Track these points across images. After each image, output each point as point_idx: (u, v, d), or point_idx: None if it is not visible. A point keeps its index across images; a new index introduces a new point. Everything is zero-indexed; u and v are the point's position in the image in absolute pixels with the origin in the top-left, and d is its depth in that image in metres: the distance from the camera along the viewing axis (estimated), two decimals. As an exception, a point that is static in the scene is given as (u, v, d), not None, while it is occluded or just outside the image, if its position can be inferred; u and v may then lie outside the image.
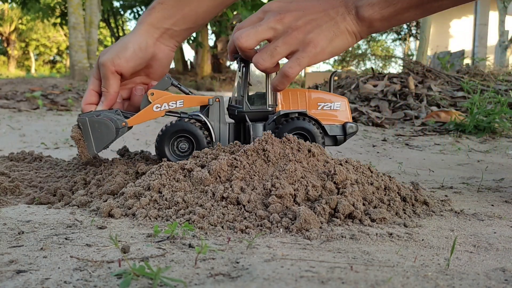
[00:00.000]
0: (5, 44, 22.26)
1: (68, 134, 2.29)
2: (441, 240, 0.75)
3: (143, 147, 2.04)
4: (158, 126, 2.71)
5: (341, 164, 0.95)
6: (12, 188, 1.01)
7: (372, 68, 4.95)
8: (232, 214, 0.80)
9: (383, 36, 20.59)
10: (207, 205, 0.82)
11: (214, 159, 0.94)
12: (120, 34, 13.02)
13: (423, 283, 0.52)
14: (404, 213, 0.89)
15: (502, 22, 9.37)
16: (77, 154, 1.15)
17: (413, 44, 18.42)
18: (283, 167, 0.90)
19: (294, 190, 0.85)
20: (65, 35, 19.13)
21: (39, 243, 0.67)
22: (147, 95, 1.07)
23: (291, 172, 0.87)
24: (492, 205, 1.03)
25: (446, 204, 1.00)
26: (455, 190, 1.21)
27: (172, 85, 1.11)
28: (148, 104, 1.07)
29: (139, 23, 1.12)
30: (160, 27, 1.11)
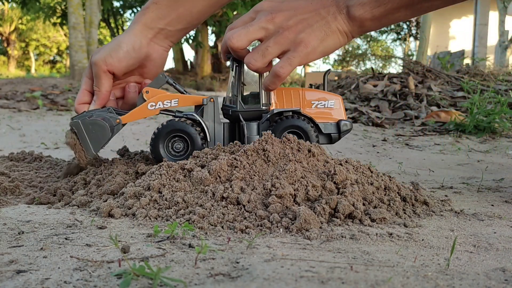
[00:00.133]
0: (5, 44, 22.27)
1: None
2: (441, 240, 0.75)
3: (143, 147, 2.04)
4: (158, 126, 2.70)
5: (341, 164, 0.95)
6: (12, 188, 1.01)
7: (372, 68, 4.95)
8: (232, 214, 0.80)
9: (383, 36, 20.59)
10: (207, 205, 0.82)
11: (214, 159, 0.94)
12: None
13: (423, 283, 0.52)
14: (404, 213, 0.89)
15: (502, 22, 9.38)
16: (73, 158, 1.15)
17: (413, 44, 18.42)
18: (283, 167, 0.90)
19: (294, 190, 0.85)
20: (65, 35, 19.14)
21: (39, 243, 0.67)
22: (142, 93, 1.07)
23: (291, 172, 0.87)
24: (492, 205, 1.03)
25: (446, 204, 1.00)
26: (455, 190, 1.21)
27: (167, 83, 1.11)
28: (144, 102, 1.07)
29: (133, 22, 1.12)
30: (154, 27, 1.11)
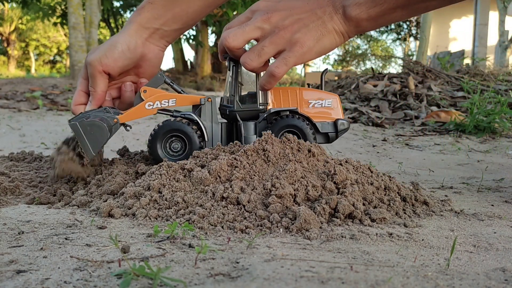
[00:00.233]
0: (5, 44, 22.26)
1: (67, 134, 2.29)
2: (441, 240, 0.75)
3: (143, 147, 2.04)
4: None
5: (341, 164, 0.95)
6: (12, 188, 1.01)
7: (372, 68, 4.95)
8: (232, 214, 0.80)
9: (383, 36, 20.60)
10: (207, 205, 0.82)
11: (214, 159, 0.94)
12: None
13: (423, 283, 0.52)
14: (404, 213, 0.89)
15: (502, 22, 9.37)
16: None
17: (413, 44, 18.43)
18: (283, 167, 0.90)
19: (294, 190, 0.85)
20: (65, 35, 19.13)
21: (39, 243, 0.67)
22: (140, 93, 1.07)
23: (291, 172, 0.87)
24: (492, 205, 1.03)
25: (446, 204, 1.00)
26: (455, 190, 1.21)
27: (165, 82, 1.11)
28: (141, 101, 1.07)
29: (128, 22, 1.11)
30: (149, 27, 1.10)
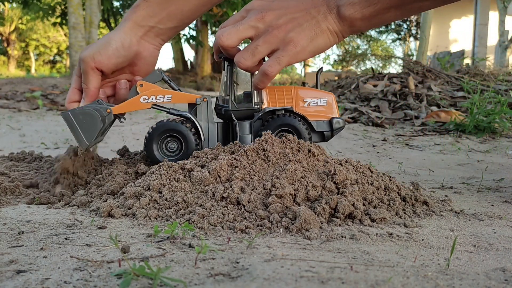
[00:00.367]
0: (5, 44, 22.25)
1: (67, 133, 2.29)
2: (441, 240, 0.75)
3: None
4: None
5: (341, 164, 0.95)
6: (12, 188, 1.01)
7: (372, 68, 4.95)
8: (232, 214, 0.80)
9: (383, 36, 20.59)
10: (207, 205, 0.82)
11: (214, 159, 0.94)
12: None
13: (423, 283, 0.52)
14: (404, 213, 0.89)
15: (502, 22, 9.37)
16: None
17: (413, 44, 18.42)
18: (283, 167, 0.90)
19: (294, 190, 0.85)
20: (65, 35, 19.12)
21: (39, 243, 0.67)
22: (135, 86, 1.07)
23: (291, 172, 0.87)
24: (492, 205, 1.03)
25: (446, 204, 1.00)
26: (455, 190, 1.21)
27: (162, 80, 1.10)
28: (136, 95, 1.07)
29: (123, 20, 1.11)
30: (144, 25, 1.10)
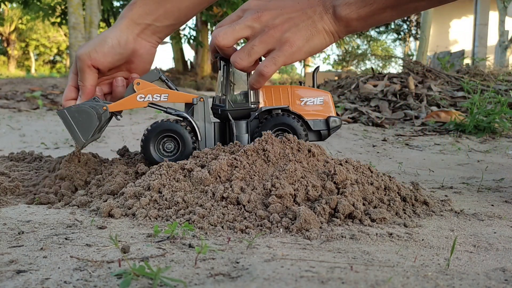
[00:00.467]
0: (5, 44, 22.24)
1: (67, 133, 2.29)
2: (441, 240, 0.75)
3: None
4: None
5: (341, 164, 0.95)
6: (12, 188, 1.01)
7: (372, 68, 4.95)
8: (232, 214, 0.80)
9: (383, 36, 20.59)
10: (207, 205, 0.82)
11: (214, 159, 0.94)
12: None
13: (423, 283, 0.52)
14: (404, 213, 0.89)
15: (502, 22, 9.37)
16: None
17: (413, 44, 18.42)
18: (283, 167, 0.90)
19: (294, 190, 0.85)
20: (65, 35, 19.12)
21: (39, 243, 0.67)
22: (132, 84, 1.07)
23: (291, 172, 0.87)
24: (492, 205, 1.03)
25: (446, 204, 1.00)
26: (455, 190, 1.21)
27: (159, 79, 1.10)
28: (133, 93, 1.07)
29: (120, 17, 1.11)
30: (141, 23, 1.10)
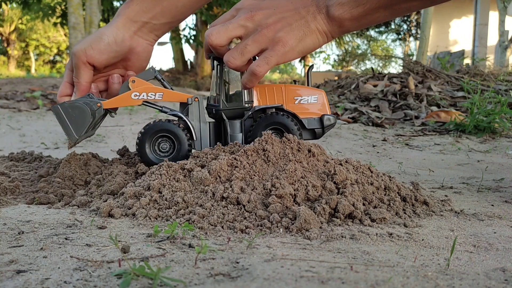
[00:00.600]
0: (5, 44, 22.24)
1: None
2: (441, 240, 0.75)
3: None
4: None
5: (341, 164, 0.95)
6: (12, 188, 1.01)
7: (372, 68, 4.95)
8: (232, 214, 0.80)
9: (383, 36, 20.58)
10: (207, 205, 0.82)
11: (214, 159, 0.94)
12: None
13: (423, 283, 0.52)
14: (404, 213, 0.89)
15: (502, 22, 9.37)
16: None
17: (413, 44, 18.42)
18: (283, 167, 0.90)
19: (294, 190, 0.85)
20: (65, 35, 19.12)
21: (39, 243, 0.67)
22: (127, 82, 1.07)
23: (291, 172, 0.87)
24: (492, 205, 1.03)
25: (446, 204, 1.00)
26: (455, 190, 1.21)
27: (155, 78, 1.10)
28: (128, 90, 1.07)
29: (116, 15, 1.10)
30: (138, 21, 1.09)
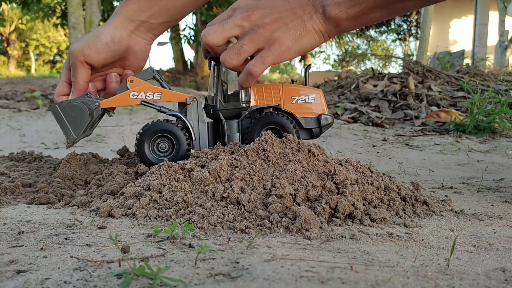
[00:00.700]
0: (5, 44, 22.23)
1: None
2: (441, 240, 0.75)
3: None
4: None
5: (341, 164, 0.95)
6: (12, 188, 1.01)
7: (372, 68, 4.95)
8: (232, 214, 0.80)
9: (383, 36, 20.58)
10: (207, 205, 0.82)
11: (214, 159, 0.94)
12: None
13: (423, 283, 0.52)
14: (404, 213, 0.89)
15: (502, 22, 9.36)
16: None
17: (413, 44, 18.41)
18: (283, 167, 0.90)
19: (294, 190, 0.85)
20: (65, 35, 19.12)
21: (39, 243, 0.67)
22: (126, 81, 1.07)
23: (291, 172, 0.87)
24: (492, 205, 1.03)
25: (446, 204, 1.00)
26: (455, 190, 1.21)
27: (154, 78, 1.10)
28: (126, 90, 1.07)
29: (114, 14, 1.10)
30: (135, 20, 1.09)
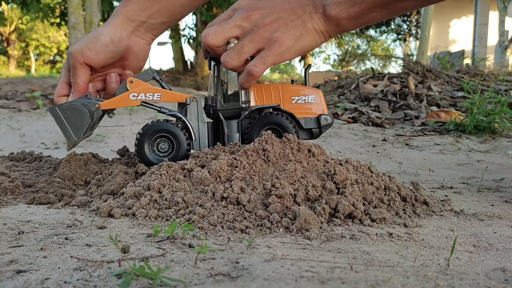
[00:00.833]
0: (5, 44, 22.23)
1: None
2: (441, 240, 0.75)
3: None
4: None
5: (341, 164, 0.95)
6: (12, 188, 1.01)
7: (372, 68, 4.95)
8: (232, 214, 0.80)
9: (383, 36, 20.57)
10: (207, 205, 0.82)
11: (214, 159, 0.94)
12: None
13: (423, 283, 0.52)
14: (404, 213, 0.89)
15: (502, 22, 9.36)
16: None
17: (413, 44, 18.41)
18: (283, 167, 0.90)
19: (294, 190, 0.85)
20: (65, 35, 19.12)
21: (39, 243, 0.67)
22: (125, 82, 1.07)
23: (291, 172, 0.87)
24: (492, 205, 1.03)
25: (446, 204, 1.00)
26: (455, 190, 1.21)
27: (153, 79, 1.10)
28: (126, 91, 1.07)
29: (113, 14, 1.10)
30: (135, 20, 1.09)
